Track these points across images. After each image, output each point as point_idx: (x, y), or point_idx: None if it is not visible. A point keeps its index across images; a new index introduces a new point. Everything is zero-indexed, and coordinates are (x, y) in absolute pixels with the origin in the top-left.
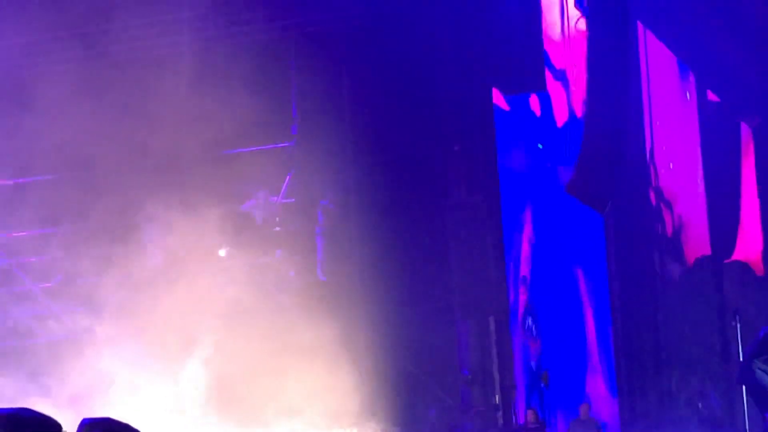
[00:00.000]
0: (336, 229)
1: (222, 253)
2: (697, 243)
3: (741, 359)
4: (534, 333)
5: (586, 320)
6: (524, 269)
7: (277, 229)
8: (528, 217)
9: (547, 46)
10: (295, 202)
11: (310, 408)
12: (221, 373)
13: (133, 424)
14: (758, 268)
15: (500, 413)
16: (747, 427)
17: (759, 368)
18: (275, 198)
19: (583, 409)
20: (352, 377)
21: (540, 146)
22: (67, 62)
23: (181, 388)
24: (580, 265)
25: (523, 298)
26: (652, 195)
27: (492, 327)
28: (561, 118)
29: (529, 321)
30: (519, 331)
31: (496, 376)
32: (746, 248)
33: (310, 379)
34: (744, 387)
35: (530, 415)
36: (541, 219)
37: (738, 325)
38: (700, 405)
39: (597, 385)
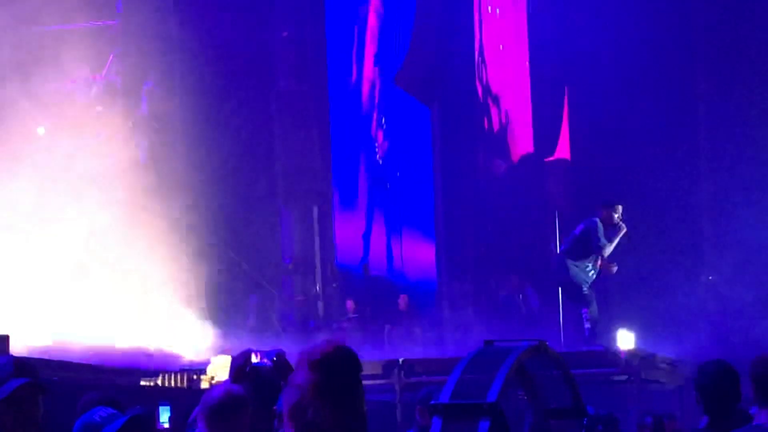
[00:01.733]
0: (159, 113)
1: (41, 131)
2: (522, 140)
3: (556, 255)
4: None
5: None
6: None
7: (99, 109)
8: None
9: None
10: (118, 82)
11: (135, 291)
12: (52, 254)
13: None
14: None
15: (321, 303)
16: (561, 322)
17: (572, 264)
18: (97, 78)
19: (402, 300)
20: (175, 263)
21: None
22: None
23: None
24: (406, 157)
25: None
26: (479, 89)
27: (315, 216)
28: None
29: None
30: (341, 219)
31: (318, 265)
32: (567, 147)
33: (135, 263)
34: (558, 282)
35: (350, 305)
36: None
37: (557, 223)
38: (519, 300)
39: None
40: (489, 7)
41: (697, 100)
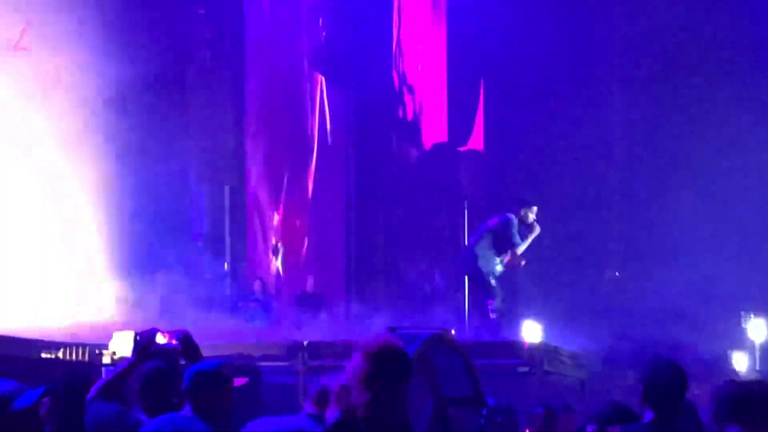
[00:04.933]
0: (73, 85)
1: None
2: (435, 129)
3: (466, 245)
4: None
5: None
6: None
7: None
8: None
9: None
10: (31, 53)
11: (43, 263)
12: None
13: None
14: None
15: (228, 281)
16: (467, 308)
17: (482, 255)
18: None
19: (310, 281)
20: (86, 236)
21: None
22: None
23: None
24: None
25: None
26: (395, 78)
27: (227, 195)
28: None
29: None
30: (253, 200)
31: (228, 244)
32: (481, 138)
33: (46, 237)
34: (466, 272)
35: (257, 285)
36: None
37: (466, 212)
38: (426, 285)
39: (330, 257)
40: (407, 9)
41: (610, 97)
